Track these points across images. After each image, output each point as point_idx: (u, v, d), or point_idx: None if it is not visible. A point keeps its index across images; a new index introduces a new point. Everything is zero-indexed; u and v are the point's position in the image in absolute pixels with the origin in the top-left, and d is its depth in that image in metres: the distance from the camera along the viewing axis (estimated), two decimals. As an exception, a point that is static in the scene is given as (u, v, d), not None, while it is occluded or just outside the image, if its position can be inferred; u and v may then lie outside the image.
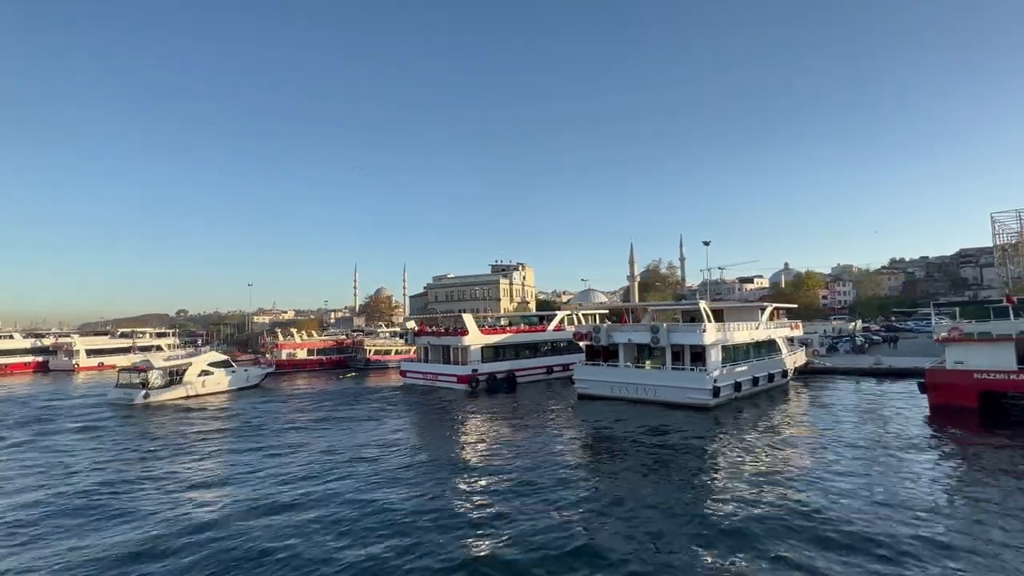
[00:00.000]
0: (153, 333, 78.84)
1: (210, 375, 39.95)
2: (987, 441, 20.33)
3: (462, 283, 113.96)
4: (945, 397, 26.05)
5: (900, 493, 14.54)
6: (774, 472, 16.72)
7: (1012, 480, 15.47)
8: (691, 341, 28.92)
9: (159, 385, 36.70)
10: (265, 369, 46.09)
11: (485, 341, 39.93)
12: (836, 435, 21.70)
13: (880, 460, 17.83)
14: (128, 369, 38.27)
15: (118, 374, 38.96)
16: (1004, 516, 12.80)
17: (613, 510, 13.87)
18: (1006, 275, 57.18)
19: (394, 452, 21.18)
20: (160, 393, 36.35)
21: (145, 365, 37.39)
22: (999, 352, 25.34)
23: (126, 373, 38.08)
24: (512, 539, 12.21)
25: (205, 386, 39.14)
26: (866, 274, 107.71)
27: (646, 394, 30.10)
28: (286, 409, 32.94)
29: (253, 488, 16.74)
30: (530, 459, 19.20)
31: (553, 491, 15.51)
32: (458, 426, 26.98)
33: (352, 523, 13.50)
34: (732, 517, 13.08)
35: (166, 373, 37.48)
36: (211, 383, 39.75)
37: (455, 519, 13.54)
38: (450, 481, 16.93)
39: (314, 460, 20.06)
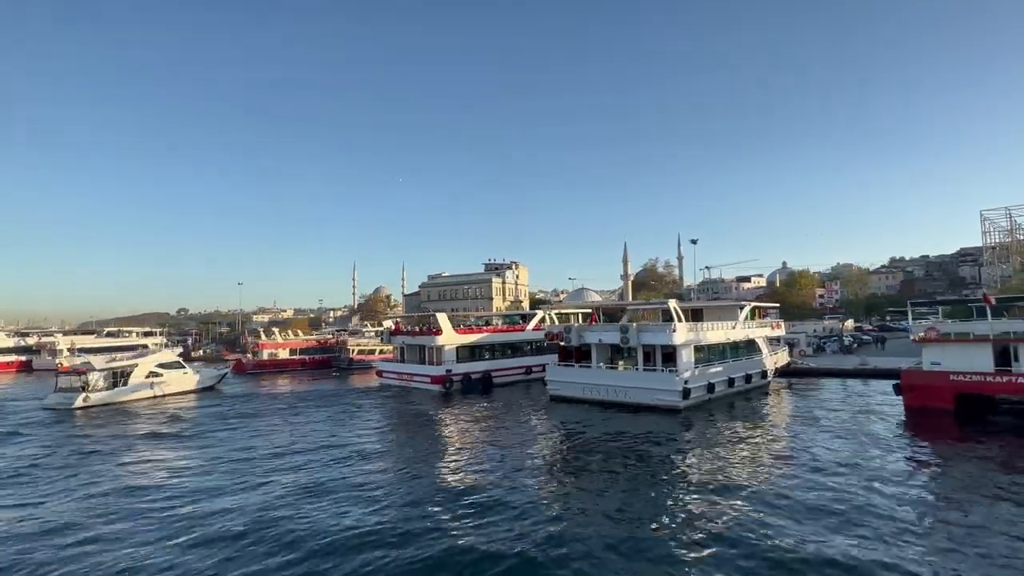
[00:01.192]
0: (140, 332, 78.39)
1: (159, 377, 38.46)
2: (961, 446, 19.53)
3: (455, 282, 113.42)
4: (921, 399, 25.28)
5: (860, 505, 13.69)
6: (733, 482, 15.76)
7: (982, 495, 14.17)
8: (661, 341, 28.16)
9: (101, 388, 34.99)
10: (222, 371, 44.74)
11: (460, 341, 39.21)
12: (803, 440, 20.97)
13: (846, 467, 17.03)
14: (67, 372, 36.15)
15: (56, 377, 36.94)
16: (971, 534, 11.76)
17: (554, 526, 12.87)
18: (995, 275, 56.30)
19: (334, 458, 19.96)
20: (102, 396, 34.64)
21: (85, 367, 35.50)
22: (976, 353, 24.55)
23: (65, 376, 35.86)
24: (450, 554, 11.46)
25: (154, 388, 37.79)
26: (855, 273, 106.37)
27: (617, 396, 29.37)
28: (237, 412, 31.74)
29: (152, 501, 15.49)
30: (484, 468, 18.17)
31: (501, 504, 14.60)
32: (419, 430, 26.14)
33: (261, 542, 12.57)
34: (680, 535, 12.17)
35: (109, 375, 35.84)
36: (161, 385, 38.29)
37: (397, 535, 12.59)
38: (397, 491, 15.85)
39: (238, 467, 19.01)
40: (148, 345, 76.00)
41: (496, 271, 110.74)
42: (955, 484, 15.33)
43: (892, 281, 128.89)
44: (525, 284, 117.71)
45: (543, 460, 19.40)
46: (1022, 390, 23.01)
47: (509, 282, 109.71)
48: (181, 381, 40.03)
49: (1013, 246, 55.95)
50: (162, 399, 37.50)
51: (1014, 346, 23.91)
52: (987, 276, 58.78)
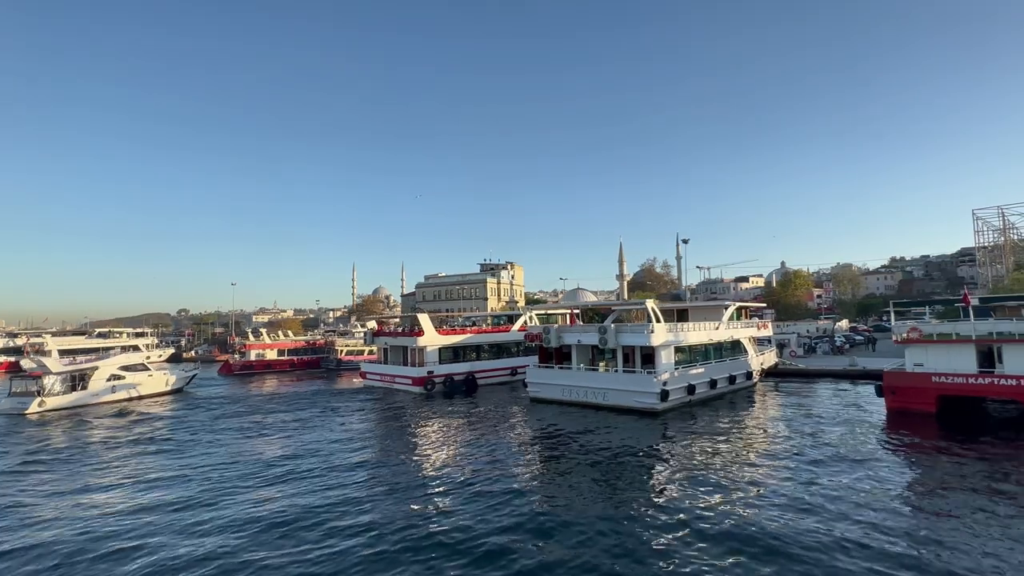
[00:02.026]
0: (131, 333, 77.98)
1: (122, 380, 37.17)
2: (940, 451, 18.87)
3: (450, 283, 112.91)
4: (903, 402, 24.72)
5: (836, 512, 13.21)
6: (705, 489, 15.23)
7: (953, 505, 13.47)
8: (639, 342, 27.61)
9: (58, 392, 33.80)
10: (190, 372, 43.65)
11: (443, 342, 38.71)
12: (782, 443, 20.45)
13: (823, 472, 16.53)
14: (21, 375, 34.96)
15: (10, 381, 35.60)
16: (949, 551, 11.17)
17: (517, 538, 12.37)
18: (986, 275, 55.57)
19: (283, 470, 18.78)
20: (59, 400, 33.47)
21: (41, 370, 34.19)
22: (959, 354, 23.97)
23: (19, 380, 34.39)
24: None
25: (116, 392, 36.50)
26: (847, 274, 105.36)
27: (595, 398, 28.85)
28: (200, 417, 30.66)
29: (99, 511, 14.81)
30: (452, 474, 17.48)
31: (463, 511, 14.11)
32: (392, 434, 25.39)
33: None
34: (648, 543, 11.74)
35: (67, 378, 34.56)
36: (123, 389, 37.00)
37: (363, 547, 12.07)
38: (363, 504, 14.94)
39: (186, 476, 18.34)
40: (139, 346, 75.92)
41: (491, 271, 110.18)
42: (925, 493, 14.69)
43: (891, 281, 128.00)
44: (521, 284, 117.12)
45: (505, 468, 18.69)
46: (1005, 392, 22.40)
47: (504, 282, 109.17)
48: (146, 384, 38.67)
49: (1007, 246, 55.21)
50: (125, 403, 36.14)
51: (998, 347, 23.31)
52: (980, 276, 58.04)
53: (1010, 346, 22.85)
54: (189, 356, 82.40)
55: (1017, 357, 22.63)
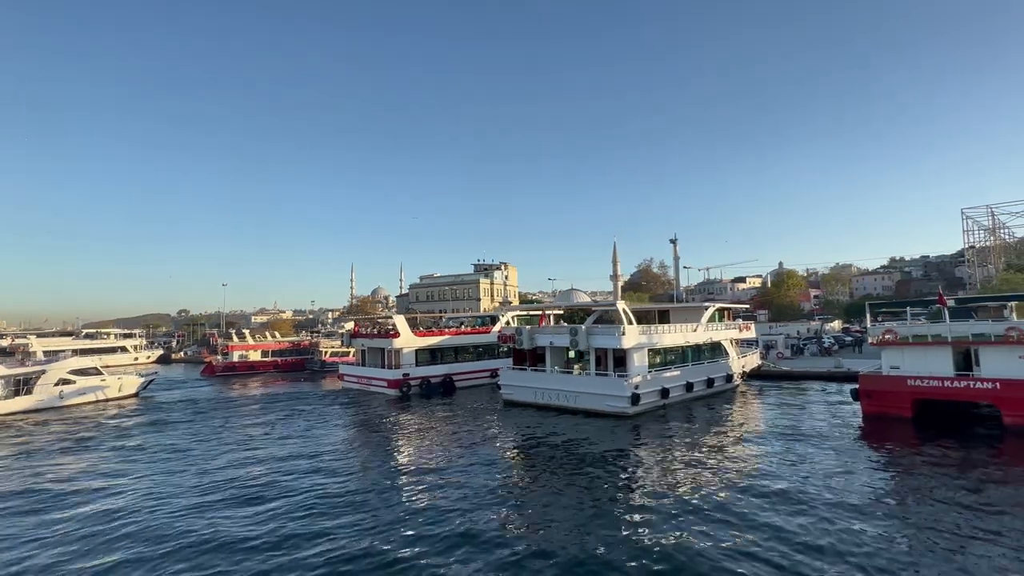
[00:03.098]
0: (118, 334, 77.60)
1: (71, 384, 35.84)
2: (916, 457, 18.17)
3: (443, 283, 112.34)
4: (879, 406, 24.06)
5: (797, 525, 12.63)
6: (666, 501, 14.60)
7: (934, 524, 12.58)
8: (611, 344, 26.95)
9: (0, 397, 32.71)
10: (148, 376, 42.10)
11: (419, 344, 38.06)
12: (750, 449, 19.87)
13: (788, 480, 15.91)
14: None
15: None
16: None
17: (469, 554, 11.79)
18: (974, 276, 54.78)
19: (219, 479, 17.87)
20: (1, 405, 32.32)
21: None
22: (935, 357, 23.30)
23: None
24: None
25: (64, 398, 35.14)
26: (837, 275, 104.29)
27: (567, 401, 28.23)
28: (147, 423, 29.17)
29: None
30: (404, 487, 16.52)
31: (407, 521, 13.60)
32: (352, 441, 24.12)
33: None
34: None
35: (10, 382, 33.29)
36: (72, 393, 35.66)
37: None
38: (299, 518, 14.12)
39: (103, 488, 17.17)
40: (127, 347, 75.74)
41: (484, 272, 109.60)
42: (892, 509, 13.80)
43: (888, 281, 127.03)
44: (514, 285, 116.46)
45: (462, 478, 18.04)
46: (981, 396, 21.72)
47: (498, 283, 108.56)
48: (98, 389, 37.31)
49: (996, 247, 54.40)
50: (74, 407, 34.77)
51: (975, 349, 22.63)
52: (969, 276, 57.25)
53: (987, 348, 22.17)
54: (178, 357, 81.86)
55: (994, 359, 21.95)
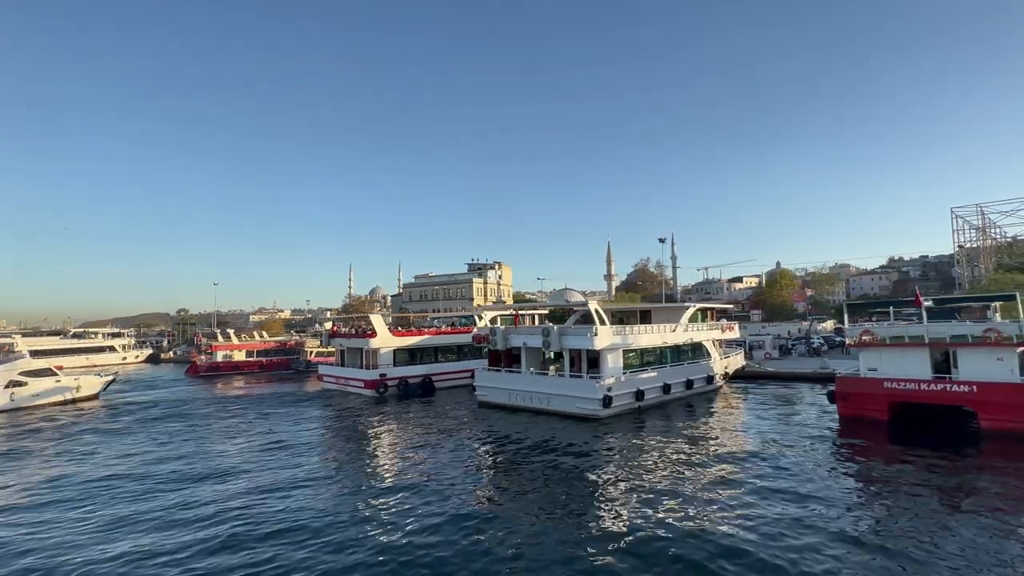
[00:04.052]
0: (106, 334, 77.11)
1: (22, 387, 34.66)
2: (888, 466, 17.42)
3: (436, 283, 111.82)
4: (855, 408, 23.47)
5: (766, 531, 12.18)
6: (628, 506, 14.10)
7: (903, 536, 11.81)
8: (583, 345, 26.34)
9: None
10: (108, 377, 40.95)
11: (398, 343, 37.48)
12: (722, 453, 19.28)
13: (757, 486, 15.39)
14: None
15: None
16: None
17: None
18: (962, 276, 54.09)
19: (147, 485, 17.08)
20: None
21: None
22: (912, 359, 22.69)
23: None
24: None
25: (15, 400, 34.09)
26: (825, 275, 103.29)
27: (541, 403, 27.70)
28: (99, 426, 28.05)
29: None
30: (362, 497, 15.56)
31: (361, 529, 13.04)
32: (316, 445, 23.13)
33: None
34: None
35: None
36: (23, 396, 34.47)
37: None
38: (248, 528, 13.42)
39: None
40: (115, 347, 75.31)
41: (478, 271, 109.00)
42: (861, 516, 13.19)
43: (885, 281, 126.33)
44: (508, 284, 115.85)
45: (425, 477, 17.47)
46: (957, 399, 21.09)
47: (491, 282, 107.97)
48: (51, 391, 36.02)
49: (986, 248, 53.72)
50: (27, 411, 33.59)
51: (954, 351, 21.99)
52: (959, 276, 56.55)
53: (964, 350, 21.54)
54: (167, 357, 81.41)
55: (971, 362, 21.33)
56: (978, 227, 54.17)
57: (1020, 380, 20.21)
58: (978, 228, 54.31)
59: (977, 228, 54.38)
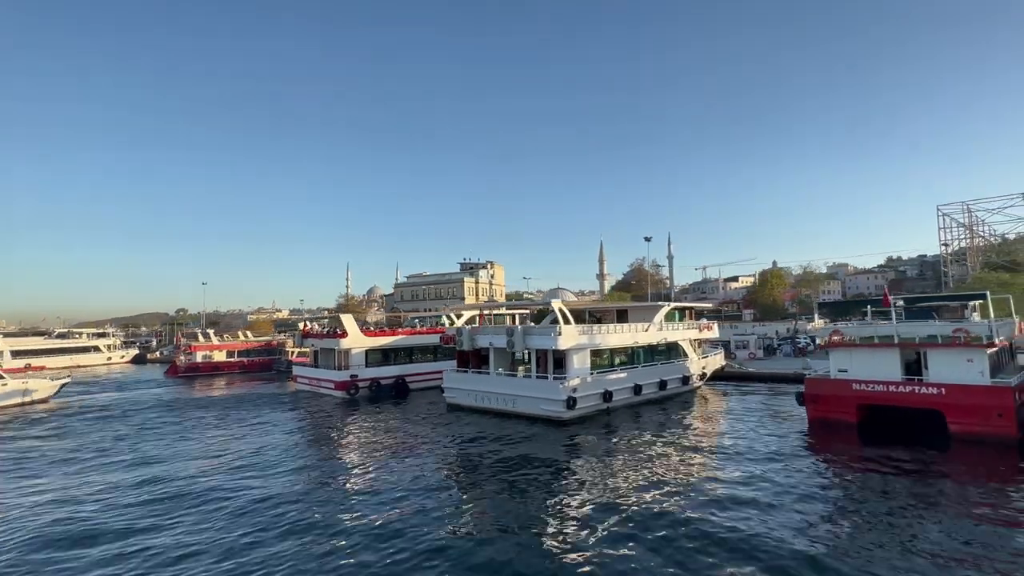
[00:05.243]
0: (91, 334, 76.53)
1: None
2: (853, 472, 16.71)
3: (427, 282, 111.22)
4: (823, 411, 22.77)
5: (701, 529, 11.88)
6: (579, 513, 13.52)
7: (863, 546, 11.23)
8: (547, 345, 25.63)
9: None
10: (61, 379, 39.67)
11: (370, 344, 36.79)
12: (683, 458, 18.60)
13: (713, 491, 14.85)
14: None
15: None
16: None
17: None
18: (948, 275, 53.34)
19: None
20: None
21: None
22: (882, 360, 21.97)
23: None
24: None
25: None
26: (812, 275, 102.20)
27: (506, 404, 27.02)
28: (38, 433, 26.84)
29: None
30: (307, 505, 14.76)
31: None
32: (268, 448, 22.11)
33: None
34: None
35: None
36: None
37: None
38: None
39: None
40: (99, 347, 74.73)
41: (470, 271, 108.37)
42: (820, 527, 12.50)
43: (881, 281, 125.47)
44: (501, 284, 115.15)
45: (369, 487, 16.72)
46: (925, 402, 20.35)
47: (483, 281, 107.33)
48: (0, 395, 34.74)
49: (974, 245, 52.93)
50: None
51: (924, 352, 21.26)
52: (945, 276, 55.80)
53: (934, 351, 20.81)
54: (154, 357, 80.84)
55: (941, 363, 20.61)
56: (964, 225, 53.37)
57: (990, 383, 19.49)
58: (964, 226, 53.50)
59: (964, 226, 53.58)
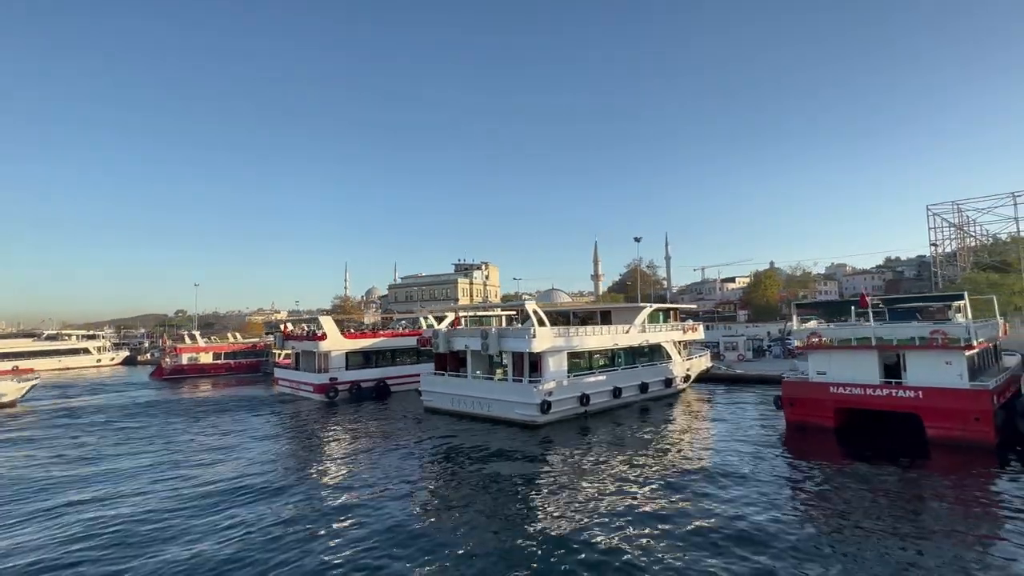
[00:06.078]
0: (81, 335, 76.14)
1: None
2: (827, 481, 16.05)
3: (421, 283, 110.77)
4: (801, 414, 22.26)
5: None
6: (542, 523, 13.00)
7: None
8: (522, 348, 25.12)
9: None
10: (29, 381, 38.66)
11: (350, 346, 36.32)
12: (660, 466, 17.88)
13: (678, 499, 14.38)
14: None
15: None
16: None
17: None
18: (938, 276, 52.83)
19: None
20: None
21: None
22: (859, 362, 21.48)
23: None
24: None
25: None
26: (801, 276, 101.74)
27: (482, 408, 26.54)
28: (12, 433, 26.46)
29: None
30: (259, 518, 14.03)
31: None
32: (232, 455, 21.45)
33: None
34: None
35: None
36: None
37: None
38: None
39: None
40: (89, 349, 74.34)
41: (464, 272, 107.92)
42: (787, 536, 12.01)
43: (879, 281, 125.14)
44: (495, 285, 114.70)
45: (336, 494, 16.18)
46: (903, 405, 19.83)
47: (477, 282, 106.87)
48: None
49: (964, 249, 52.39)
50: None
51: (903, 354, 20.74)
52: (934, 276, 55.26)
53: (912, 353, 20.30)
54: (144, 359, 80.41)
55: (919, 366, 20.10)
56: (954, 225, 52.83)
57: (969, 386, 18.97)
58: (954, 226, 52.97)
59: (953, 226, 53.05)
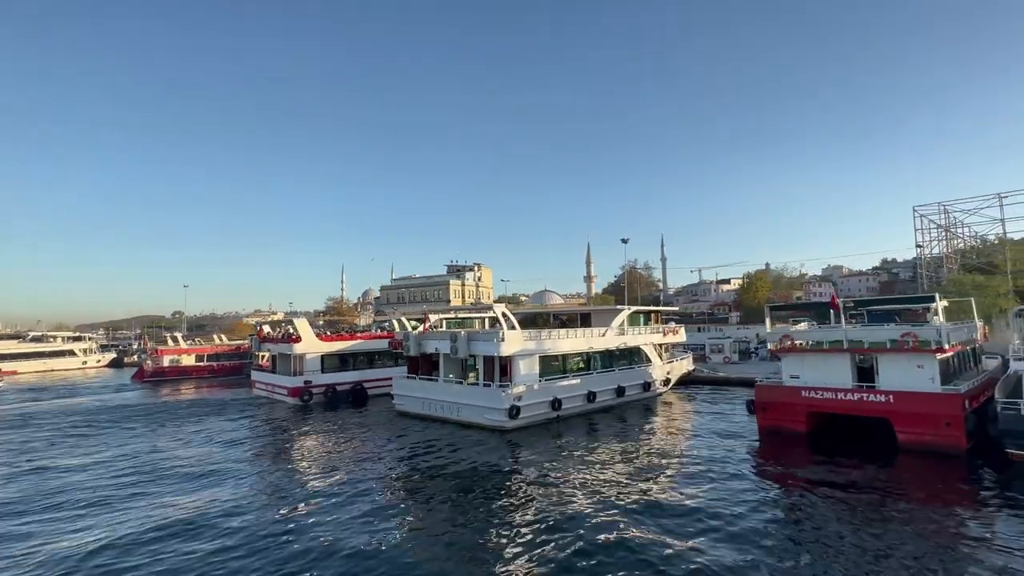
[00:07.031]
0: (66, 337, 75.56)
1: None
2: (794, 489, 15.50)
3: (413, 285, 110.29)
4: (774, 419, 21.71)
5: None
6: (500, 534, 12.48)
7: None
8: (491, 351, 24.60)
9: None
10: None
11: (325, 349, 35.78)
12: (628, 473, 17.35)
13: (642, 509, 13.82)
14: None
15: None
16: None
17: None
18: (923, 277, 52.41)
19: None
20: None
21: None
22: (832, 365, 20.97)
23: None
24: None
25: None
26: (787, 278, 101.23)
27: (452, 413, 26.00)
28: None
29: None
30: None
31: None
32: (188, 462, 20.51)
33: None
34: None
35: None
36: None
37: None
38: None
39: None
40: (74, 351, 73.75)
41: (456, 273, 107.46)
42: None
43: (873, 283, 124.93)
44: (488, 286, 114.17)
45: (289, 502, 15.69)
46: (874, 410, 19.31)
47: (469, 284, 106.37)
48: None
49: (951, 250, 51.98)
50: None
51: (875, 357, 20.24)
52: (920, 278, 54.85)
53: (884, 356, 19.80)
54: (130, 361, 79.73)
55: (891, 369, 19.60)
56: (941, 226, 52.41)
57: (941, 390, 18.45)
58: (941, 227, 52.55)
59: (940, 227, 52.63)
